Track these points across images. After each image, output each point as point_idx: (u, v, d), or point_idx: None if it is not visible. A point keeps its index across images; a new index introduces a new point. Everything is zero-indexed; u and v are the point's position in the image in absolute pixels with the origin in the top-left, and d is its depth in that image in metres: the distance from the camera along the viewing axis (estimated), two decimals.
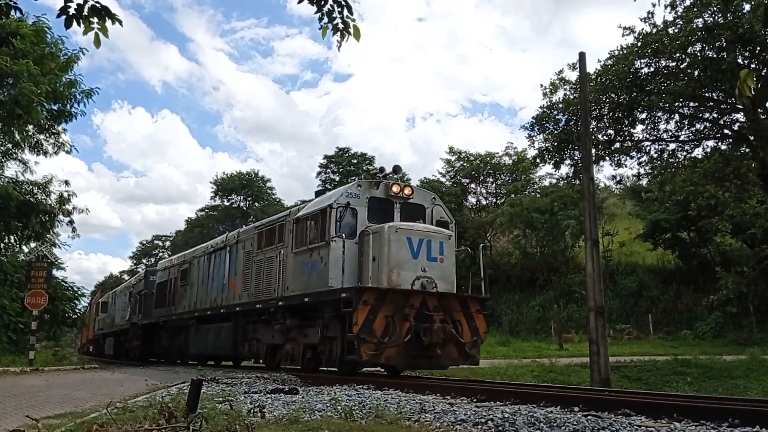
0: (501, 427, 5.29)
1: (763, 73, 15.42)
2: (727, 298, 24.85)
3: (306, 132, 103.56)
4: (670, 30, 17.52)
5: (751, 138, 18.09)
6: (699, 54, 17.35)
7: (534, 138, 20.62)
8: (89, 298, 37.34)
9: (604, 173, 58.46)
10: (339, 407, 6.41)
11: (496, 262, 36.95)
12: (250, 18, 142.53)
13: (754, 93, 2.86)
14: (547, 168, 25.82)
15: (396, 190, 11.31)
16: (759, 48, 16.62)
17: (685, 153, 20.48)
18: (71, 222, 21.82)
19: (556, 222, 33.28)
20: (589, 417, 5.53)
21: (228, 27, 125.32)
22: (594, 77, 18.44)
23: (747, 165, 19.05)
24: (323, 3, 5.16)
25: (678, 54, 17.59)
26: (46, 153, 21.16)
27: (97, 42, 5.00)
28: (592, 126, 17.96)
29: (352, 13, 5.17)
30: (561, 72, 20.27)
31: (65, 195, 21.37)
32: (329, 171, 50.14)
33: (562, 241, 34.67)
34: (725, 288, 24.91)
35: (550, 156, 20.41)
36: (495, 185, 43.14)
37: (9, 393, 8.93)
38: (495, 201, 42.84)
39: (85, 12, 4.85)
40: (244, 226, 18.75)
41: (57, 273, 22.16)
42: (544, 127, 20.32)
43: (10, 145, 20.72)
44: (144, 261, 70.81)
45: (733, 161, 19.02)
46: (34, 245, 21.56)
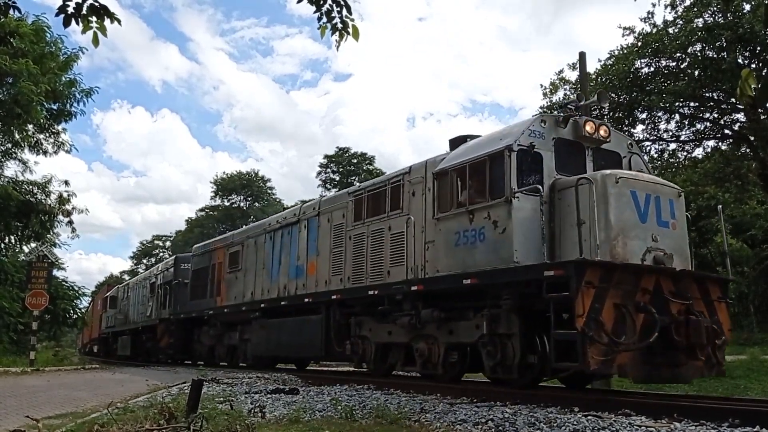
0: (501, 427, 5.29)
1: (764, 73, 15.40)
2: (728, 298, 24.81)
3: (306, 132, 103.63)
4: (670, 30, 17.50)
5: (752, 138, 18.08)
6: (699, 54, 17.33)
7: None
8: (90, 297, 36.55)
9: None
10: (339, 407, 6.41)
11: None
12: (250, 17, 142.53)
13: (755, 92, 2.84)
14: None
15: (590, 129, 8.23)
16: (759, 48, 16.60)
17: (686, 153, 20.47)
18: (71, 222, 21.82)
19: None
20: (589, 417, 5.53)
21: (228, 26, 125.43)
22: (594, 77, 18.42)
23: (747, 165, 19.04)
24: (322, 3, 5.16)
25: (678, 54, 17.57)
26: (45, 152, 21.17)
27: (96, 41, 5.00)
28: None
29: (351, 13, 5.18)
30: (561, 72, 20.28)
31: (65, 195, 21.37)
32: (329, 171, 50.12)
33: None
34: None
35: None
36: None
37: (10, 393, 8.93)
38: None
39: (84, 11, 4.85)
40: (325, 194, 16.40)
41: (57, 273, 22.19)
42: None
43: (9, 145, 20.72)
44: (144, 261, 70.80)
45: (734, 161, 19.00)
46: (34, 245, 21.52)
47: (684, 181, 19.88)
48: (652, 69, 18.07)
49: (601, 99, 8.97)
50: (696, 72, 17.40)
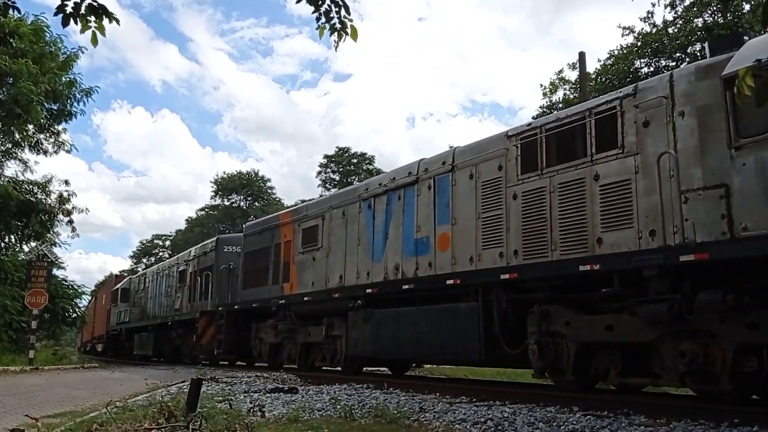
0: (500, 427, 5.29)
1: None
2: None
3: (306, 131, 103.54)
4: (669, 30, 17.53)
5: None
6: (699, 54, 17.34)
7: None
8: (90, 297, 36.13)
9: None
10: (339, 406, 6.42)
11: None
12: (249, 18, 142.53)
13: (753, 92, 2.80)
14: None
15: None
16: None
17: None
18: (71, 221, 21.80)
19: None
20: (589, 417, 5.53)
21: (228, 27, 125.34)
22: (594, 77, 18.45)
23: None
24: (321, 3, 5.15)
25: (678, 54, 17.60)
26: (46, 152, 21.15)
27: (95, 40, 4.99)
28: None
29: (349, 13, 5.17)
30: (561, 72, 20.32)
31: (65, 195, 21.36)
32: (329, 171, 50.15)
33: None
34: None
35: None
36: None
37: (9, 392, 8.93)
38: None
39: (83, 10, 4.84)
40: (455, 147, 9.56)
41: (57, 272, 22.07)
42: None
43: (9, 145, 20.70)
44: (144, 260, 70.76)
45: None
46: (34, 244, 21.53)
47: None
48: (651, 69, 18.10)
49: None
50: None
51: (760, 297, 5.46)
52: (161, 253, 66.64)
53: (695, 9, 16.99)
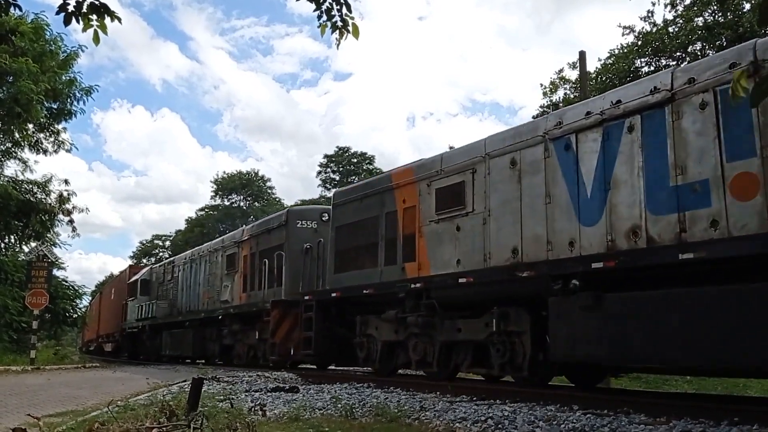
0: (501, 425, 5.30)
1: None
2: None
3: (306, 131, 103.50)
4: (670, 29, 17.53)
5: None
6: (699, 53, 17.35)
7: None
8: (90, 297, 35.45)
9: None
10: (339, 405, 6.43)
11: None
12: (249, 16, 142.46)
13: (747, 94, 2.78)
14: None
15: None
16: None
17: None
18: (71, 221, 21.82)
19: None
20: (589, 415, 5.55)
21: (228, 25, 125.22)
22: (594, 76, 18.45)
23: None
24: (322, 1, 5.16)
25: (678, 53, 17.60)
26: (45, 152, 21.14)
27: (96, 39, 5.00)
28: None
29: (351, 12, 5.18)
30: (561, 71, 20.31)
31: (65, 194, 21.37)
32: (329, 170, 50.16)
33: None
34: None
35: None
36: None
37: (10, 392, 8.95)
38: None
39: (84, 9, 4.85)
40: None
41: (57, 272, 22.11)
42: None
43: (9, 144, 20.71)
44: (144, 260, 70.80)
45: None
46: (34, 245, 21.52)
47: None
48: (652, 68, 18.10)
49: None
50: None
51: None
52: (161, 254, 66.63)
53: (696, 8, 17.00)
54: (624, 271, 6.50)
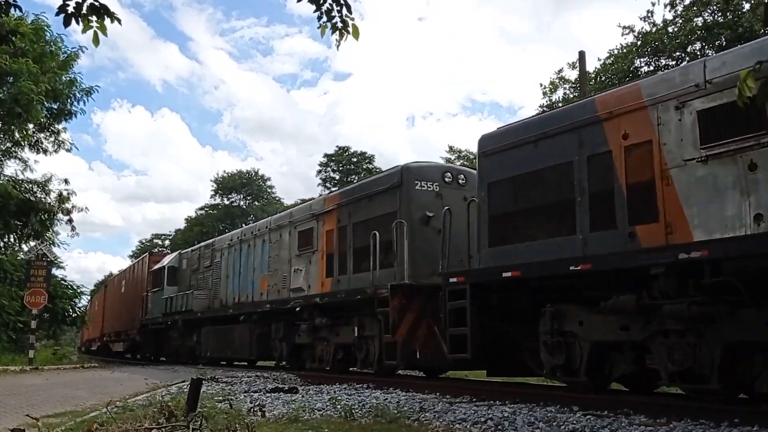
0: (500, 426, 5.29)
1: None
2: None
3: (306, 131, 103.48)
4: (669, 29, 17.54)
5: None
6: (699, 53, 17.36)
7: None
8: (89, 296, 35.36)
9: None
10: (339, 406, 6.42)
11: None
12: (249, 17, 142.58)
13: (754, 93, 2.79)
14: None
15: None
16: None
17: None
18: (70, 221, 21.81)
19: None
20: (589, 416, 5.54)
21: (228, 26, 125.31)
22: (594, 76, 18.46)
23: None
24: (322, 2, 5.16)
25: (678, 53, 17.61)
26: (45, 151, 21.15)
27: (96, 40, 5.00)
28: None
29: (351, 12, 5.17)
30: (561, 71, 20.34)
31: (65, 194, 21.36)
32: (329, 170, 50.13)
33: None
34: None
35: None
36: None
37: (9, 392, 8.94)
38: None
39: (84, 10, 4.85)
40: None
41: (56, 272, 22.09)
42: None
43: (9, 144, 20.71)
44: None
45: None
46: (33, 244, 21.51)
47: None
48: (651, 68, 18.11)
49: None
50: None
51: None
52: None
53: (695, 8, 17.01)
54: None
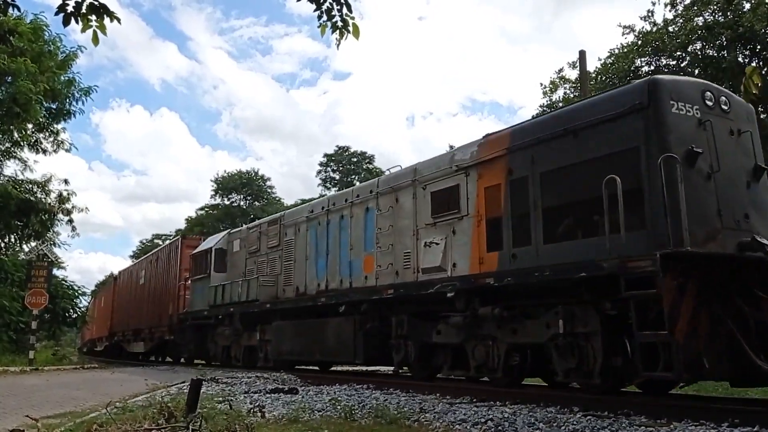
0: (501, 427, 5.28)
1: (765, 72, 15.37)
2: None
3: (306, 130, 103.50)
4: (670, 28, 17.52)
5: None
6: (699, 52, 17.34)
7: None
8: (90, 296, 34.86)
9: None
10: (339, 407, 6.41)
11: None
12: (248, 16, 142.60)
13: (759, 90, 2.76)
14: None
15: None
16: (759, 46, 16.60)
17: None
18: (71, 221, 21.84)
19: None
20: (589, 417, 5.52)
21: (227, 25, 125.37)
22: (594, 75, 18.44)
23: None
24: (322, 1, 5.14)
25: (678, 52, 17.59)
26: (45, 151, 21.18)
27: (95, 40, 4.99)
28: None
29: (351, 11, 5.17)
30: (561, 71, 20.30)
31: (64, 194, 21.39)
32: (329, 170, 50.13)
33: None
34: None
35: None
36: None
37: (9, 392, 8.92)
38: None
39: (83, 10, 4.84)
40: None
41: (57, 272, 22.10)
42: None
43: (9, 144, 20.71)
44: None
45: None
46: (34, 244, 21.53)
47: None
48: (652, 68, 18.09)
49: None
50: (696, 71, 17.42)
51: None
52: None
53: (696, 8, 17.00)
54: None
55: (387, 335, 9.93)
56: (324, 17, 5.21)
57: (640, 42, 17.97)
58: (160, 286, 20.49)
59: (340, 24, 5.20)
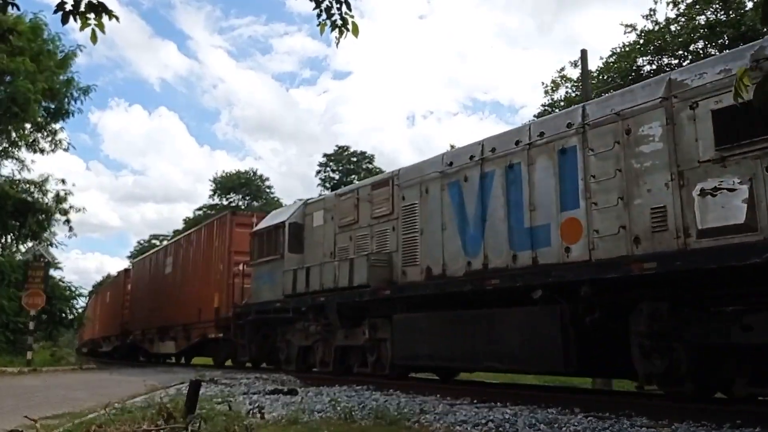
0: (501, 428, 5.26)
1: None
2: None
3: (306, 130, 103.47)
4: (672, 27, 17.53)
5: None
6: (701, 51, 17.34)
7: None
8: (87, 297, 33.82)
9: None
10: (338, 408, 6.38)
11: None
12: (248, 15, 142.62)
13: (750, 93, 2.70)
14: None
15: None
16: None
17: None
18: (68, 221, 21.78)
19: None
20: (590, 418, 5.50)
21: (226, 24, 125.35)
22: (596, 74, 18.44)
23: None
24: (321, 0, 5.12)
25: (680, 51, 17.59)
26: (43, 151, 21.13)
27: (94, 38, 4.95)
28: None
29: (350, 10, 5.14)
30: (563, 70, 20.31)
31: (62, 194, 21.34)
32: (329, 169, 50.11)
33: None
34: None
35: None
36: None
37: (7, 393, 8.89)
38: None
39: (82, 8, 4.80)
40: None
41: (54, 273, 22.05)
42: None
43: (6, 144, 20.66)
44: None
45: None
46: (31, 244, 21.47)
47: None
48: (654, 66, 18.08)
49: None
50: None
51: None
52: None
53: (698, 6, 17.01)
54: None
55: (616, 333, 6.75)
56: (323, 15, 5.19)
57: (642, 41, 17.98)
58: (199, 274, 17.48)
59: (339, 22, 5.18)
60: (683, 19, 17.31)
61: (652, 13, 18.00)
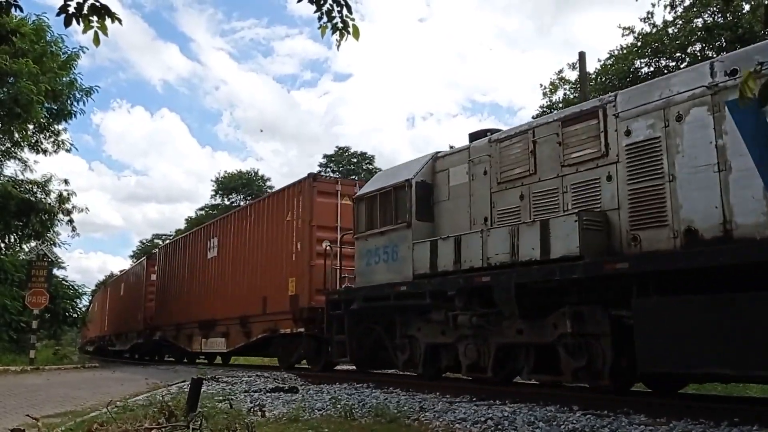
0: (500, 426, 5.30)
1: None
2: None
3: (307, 131, 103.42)
4: (669, 30, 17.56)
5: None
6: (699, 54, 17.37)
7: None
8: (90, 296, 33.57)
9: None
10: (339, 406, 6.43)
11: None
12: (250, 18, 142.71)
13: (755, 95, 2.76)
14: None
15: None
16: None
17: None
18: (71, 221, 21.86)
19: None
20: (589, 416, 5.54)
21: (228, 27, 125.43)
22: (594, 77, 18.47)
23: None
24: (322, 2, 5.17)
25: (678, 54, 17.63)
26: (45, 152, 21.18)
27: (97, 41, 5.00)
28: None
29: (351, 13, 5.18)
30: (561, 72, 20.33)
31: (65, 194, 21.41)
32: (329, 170, 50.15)
33: None
34: None
35: None
36: None
37: (9, 392, 8.95)
38: None
39: (85, 11, 4.86)
40: None
41: (57, 272, 22.16)
42: None
43: (9, 144, 20.74)
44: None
45: None
46: (34, 244, 21.56)
47: None
48: (651, 69, 18.12)
49: None
50: None
51: None
52: None
53: (695, 9, 17.05)
54: None
55: None
56: (324, 18, 5.23)
57: (639, 43, 18.01)
58: (262, 255, 14.25)
59: (340, 25, 5.22)
60: (681, 22, 17.35)
61: (649, 16, 18.07)
